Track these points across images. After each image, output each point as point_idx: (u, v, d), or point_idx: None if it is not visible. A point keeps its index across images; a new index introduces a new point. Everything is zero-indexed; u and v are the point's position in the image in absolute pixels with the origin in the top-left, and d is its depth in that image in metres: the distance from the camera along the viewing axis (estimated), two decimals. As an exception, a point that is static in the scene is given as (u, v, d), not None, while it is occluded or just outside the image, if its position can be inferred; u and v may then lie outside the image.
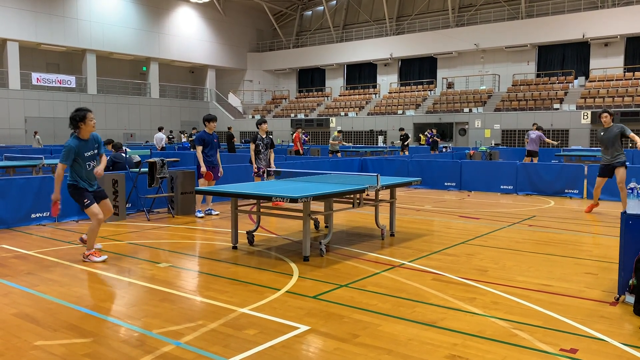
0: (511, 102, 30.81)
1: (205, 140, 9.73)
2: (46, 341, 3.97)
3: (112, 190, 9.29)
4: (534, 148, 17.62)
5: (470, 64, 35.34)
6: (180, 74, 42.23)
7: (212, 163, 9.79)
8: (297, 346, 3.88)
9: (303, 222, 6.45)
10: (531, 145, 17.64)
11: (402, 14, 38.73)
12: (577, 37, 30.62)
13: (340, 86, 41.82)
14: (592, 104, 27.97)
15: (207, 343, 3.91)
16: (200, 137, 9.76)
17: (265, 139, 10.77)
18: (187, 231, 8.54)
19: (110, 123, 34.72)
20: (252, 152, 10.80)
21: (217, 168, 9.90)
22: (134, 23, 35.97)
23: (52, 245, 7.38)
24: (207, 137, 9.78)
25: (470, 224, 9.14)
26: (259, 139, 10.73)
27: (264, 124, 10.86)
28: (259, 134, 10.77)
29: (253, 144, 10.75)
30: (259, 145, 10.71)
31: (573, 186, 12.69)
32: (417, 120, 32.74)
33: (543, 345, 3.87)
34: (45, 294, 5.11)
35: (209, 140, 9.75)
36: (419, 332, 4.12)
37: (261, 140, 10.73)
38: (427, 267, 6.09)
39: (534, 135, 17.50)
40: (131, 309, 4.70)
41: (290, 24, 44.92)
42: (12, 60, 30.73)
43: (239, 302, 4.85)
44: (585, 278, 5.68)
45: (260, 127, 10.81)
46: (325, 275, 5.75)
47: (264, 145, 10.74)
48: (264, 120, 10.95)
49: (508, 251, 6.99)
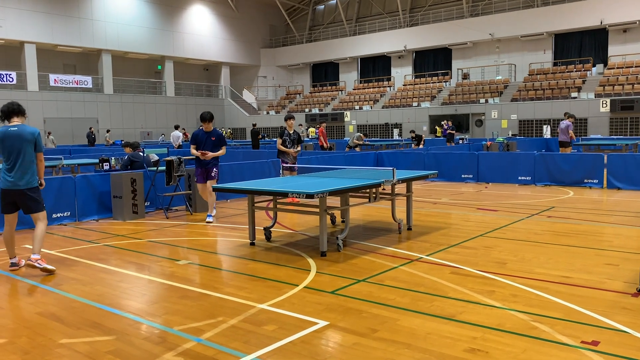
0: (528, 92, 30.44)
1: (197, 138, 9.12)
2: (70, 339, 4.04)
3: (131, 189, 9.41)
4: (563, 139, 16.84)
5: (485, 54, 34.97)
6: (194, 71, 42.46)
7: (203, 163, 9.05)
8: (316, 341, 3.90)
9: (319, 217, 6.46)
10: (560, 135, 16.91)
11: (415, 5, 38.43)
12: (594, 23, 30.09)
13: (354, 80, 41.69)
14: (612, 91, 27.50)
15: (227, 339, 3.95)
16: (193, 136, 9.26)
17: (293, 135, 10.83)
18: (205, 228, 8.62)
19: (127, 122, 35.09)
20: (279, 146, 10.81)
21: (209, 168, 9.06)
22: (148, 22, 36.22)
23: (74, 245, 7.50)
24: (200, 136, 9.10)
25: (488, 216, 9.07)
26: (286, 134, 10.78)
27: (291, 119, 10.88)
28: (286, 129, 10.84)
29: (280, 139, 10.80)
30: (285, 140, 10.77)
31: (592, 176, 12.52)
32: (432, 112, 32.52)
33: (564, 337, 3.84)
34: (68, 293, 5.21)
35: (201, 139, 9.04)
36: (437, 326, 4.12)
37: (288, 135, 10.79)
38: (445, 261, 6.07)
39: (563, 126, 16.71)
40: (152, 307, 4.77)
41: (302, 18, 44.86)
42: (29, 62, 31.19)
43: (258, 298, 4.89)
44: (606, 269, 5.61)
45: (287, 123, 10.86)
46: (343, 270, 5.77)
47: (291, 140, 10.80)
48: (292, 116, 10.96)
49: (527, 243, 6.93)
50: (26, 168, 5.95)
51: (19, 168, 5.91)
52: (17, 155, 5.91)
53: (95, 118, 33.41)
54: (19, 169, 5.91)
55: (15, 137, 5.90)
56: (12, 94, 30.29)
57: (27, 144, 5.94)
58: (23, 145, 5.92)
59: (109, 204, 9.69)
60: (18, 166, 5.91)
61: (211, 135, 9.08)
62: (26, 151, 5.94)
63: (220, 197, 11.56)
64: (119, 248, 7.24)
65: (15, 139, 5.90)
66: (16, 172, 5.91)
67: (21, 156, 5.91)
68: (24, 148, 5.92)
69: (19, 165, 5.91)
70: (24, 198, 5.99)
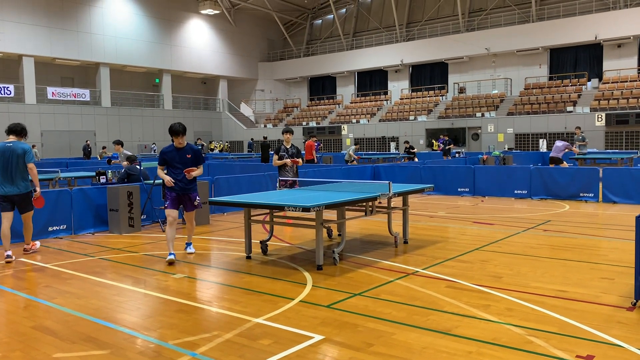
0: (524, 106, 30.62)
1: (167, 156, 7.16)
2: (64, 353, 4.02)
3: (127, 202, 9.40)
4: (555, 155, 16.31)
5: (481, 69, 35.23)
6: (192, 85, 42.63)
7: (179, 187, 7.14)
8: (312, 356, 3.89)
9: (316, 230, 6.47)
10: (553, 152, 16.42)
11: (412, 20, 38.77)
12: (589, 39, 30.40)
13: (351, 93, 41.89)
14: (607, 105, 27.70)
15: (222, 353, 3.94)
16: (161, 155, 7.26)
17: (290, 149, 9.76)
18: (201, 242, 8.61)
19: (125, 135, 35.09)
20: (275, 163, 9.80)
21: (190, 195, 7.28)
22: (146, 36, 36.42)
23: (69, 258, 7.47)
24: (171, 153, 7.14)
25: (485, 229, 9.09)
26: (283, 150, 9.75)
27: (288, 133, 9.81)
28: (283, 144, 9.81)
29: (276, 155, 9.77)
30: (283, 156, 9.72)
31: (588, 190, 12.57)
32: (429, 126, 32.66)
33: (559, 352, 3.84)
34: (62, 307, 5.19)
35: (172, 158, 7.13)
36: (433, 340, 4.11)
37: (285, 151, 9.74)
38: (441, 275, 6.07)
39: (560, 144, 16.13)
40: (147, 320, 4.75)
41: (300, 32, 45.18)
42: (27, 75, 31.28)
43: (254, 312, 4.88)
44: (601, 283, 5.62)
45: (284, 137, 9.82)
46: (339, 284, 5.77)
47: (289, 156, 9.72)
48: (289, 129, 9.93)
49: (523, 257, 6.95)
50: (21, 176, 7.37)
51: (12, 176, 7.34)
52: (11, 166, 7.30)
53: (92, 131, 33.45)
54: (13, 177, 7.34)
55: (8, 151, 7.30)
56: (9, 107, 30.37)
57: (20, 157, 7.31)
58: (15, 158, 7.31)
59: (105, 217, 9.68)
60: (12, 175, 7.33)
61: (185, 152, 7.14)
62: (18, 163, 7.31)
63: (217, 210, 11.56)
64: (114, 261, 7.22)
65: (8, 152, 7.30)
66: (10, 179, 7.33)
67: (14, 166, 7.30)
68: (16, 160, 7.31)
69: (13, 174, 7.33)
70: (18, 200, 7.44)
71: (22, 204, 7.47)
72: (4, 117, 30.31)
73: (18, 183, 7.32)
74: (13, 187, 7.29)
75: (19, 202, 7.43)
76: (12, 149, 7.28)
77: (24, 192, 7.39)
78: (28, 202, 7.51)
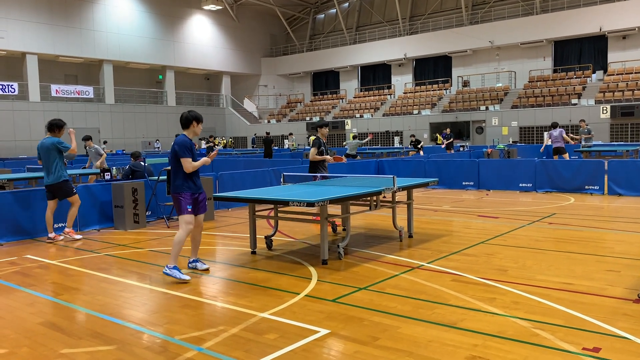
0: (528, 99, 30.50)
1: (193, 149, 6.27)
2: (71, 349, 4.04)
3: (132, 199, 9.42)
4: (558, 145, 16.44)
5: (485, 62, 35.08)
6: (195, 81, 42.64)
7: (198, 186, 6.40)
8: (318, 350, 3.90)
9: (320, 225, 6.47)
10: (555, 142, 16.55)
11: (415, 13, 38.61)
12: (593, 30, 30.21)
13: (354, 88, 41.81)
14: (612, 98, 27.55)
15: (228, 348, 3.95)
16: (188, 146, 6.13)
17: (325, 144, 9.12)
18: (206, 237, 8.62)
19: (129, 132, 35.22)
20: (314, 158, 8.91)
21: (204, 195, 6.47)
22: (149, 32, 36.42)
23: (75, 255, 7.51)
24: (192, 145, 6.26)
25: (489, 223, 9.07)
26: (323, 144, 8.97)
27: (325, 127, 8.99)
28: (320, 138, 9.00)
29: (316, 148, 8.86)
30: (322, 152, 8.93)
31: (593, 182, 12.52)
32: (433, 120, 32.58)
33: (565, 344, 3.83)
34: (69, 303, 5.21)
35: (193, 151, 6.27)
36: (439, 334, 4.11)
37: (324, 145, 9.00)
38: (446, 268, 6.07)
39: (557, 133, 16.35)
40: (153, 316, 4.77)
41: (303, 27, 45.09)
42: (31, 73, 31.36)
43: (259, 306, 4.89)
44: (607, 275, 5.61)
45: (320, 131, 9.00)
46: (344, 279, 5.77)
47: (325, 151, 9.04)
48: (326, 123, 9.10)
49: (528, 250, 6.93)
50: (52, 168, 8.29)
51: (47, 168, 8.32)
52: (45, 160, 8.32)
53: (97, 128, 33.52)
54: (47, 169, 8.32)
55: (41, 146, 8.38)
56: (14, 105, 30.48)
57: (51, 150, 8.25)
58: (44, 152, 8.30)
59: (110, 213, 9.71)
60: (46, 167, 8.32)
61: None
62: (48, 156, 8.28)
63: (222, 205, 11.58)
64: (120, 258, 7.24)
65: (41, 147, 8.38)
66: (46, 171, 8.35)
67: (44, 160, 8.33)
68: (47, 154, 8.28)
69: (47, 166, 8.31)
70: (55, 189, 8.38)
71: (57, 193, 8.40)
72: (8, 115, 30.47)
73: (49, 174, 8.29)
74: (47, 178, 8.33)
75: (54, 192, 8.37)
76: (42, 144, 8.36)
77: (54, 183, 8.29)
78: (59, 191, 8.38)
